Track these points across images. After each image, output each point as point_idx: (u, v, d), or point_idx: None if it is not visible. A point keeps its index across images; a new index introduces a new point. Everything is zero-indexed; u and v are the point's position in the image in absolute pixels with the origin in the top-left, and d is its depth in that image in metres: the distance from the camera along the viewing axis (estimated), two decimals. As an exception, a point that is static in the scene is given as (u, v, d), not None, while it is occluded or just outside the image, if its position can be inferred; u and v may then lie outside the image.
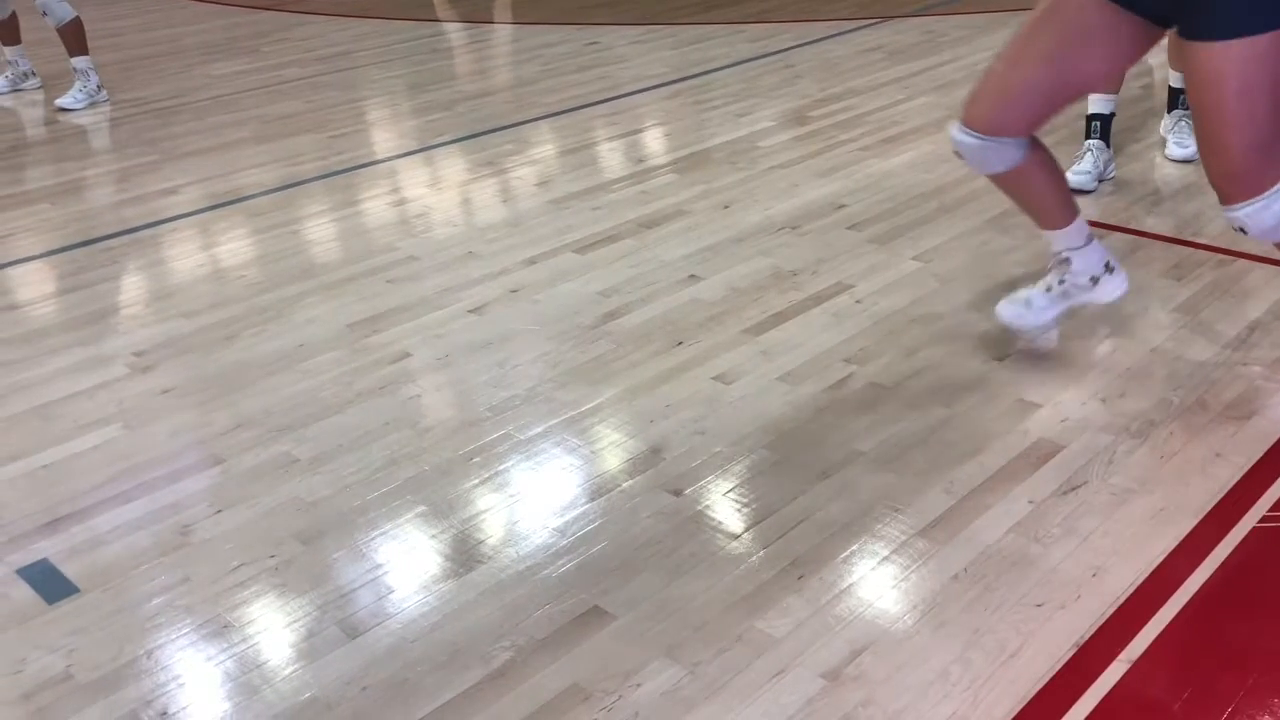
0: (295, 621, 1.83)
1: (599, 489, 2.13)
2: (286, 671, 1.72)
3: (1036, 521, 1.97)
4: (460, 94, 5.26)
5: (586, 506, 2.08)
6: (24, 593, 1.93)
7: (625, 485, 2.14)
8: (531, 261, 3.23)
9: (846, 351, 2.59)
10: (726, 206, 3.57)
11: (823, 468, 2.15)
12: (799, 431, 2.27)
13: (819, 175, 3.81)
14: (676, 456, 2.22)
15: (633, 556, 1.94)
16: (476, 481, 2.19)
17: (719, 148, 4.20)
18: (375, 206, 3.87)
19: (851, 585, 1.83)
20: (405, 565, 1.95)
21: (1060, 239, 2.42)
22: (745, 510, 2.04)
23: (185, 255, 3.51)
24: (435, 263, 3.27)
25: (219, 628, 1.82)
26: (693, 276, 3.06)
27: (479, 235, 3.47)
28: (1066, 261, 2.45)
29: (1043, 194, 2.37)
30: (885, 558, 1.90)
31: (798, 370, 2.51)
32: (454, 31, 6.79)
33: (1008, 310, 2.54)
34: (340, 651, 1.75)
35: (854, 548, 1.92)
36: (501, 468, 2.23)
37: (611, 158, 4.28)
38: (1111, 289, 2.48)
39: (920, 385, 2.43)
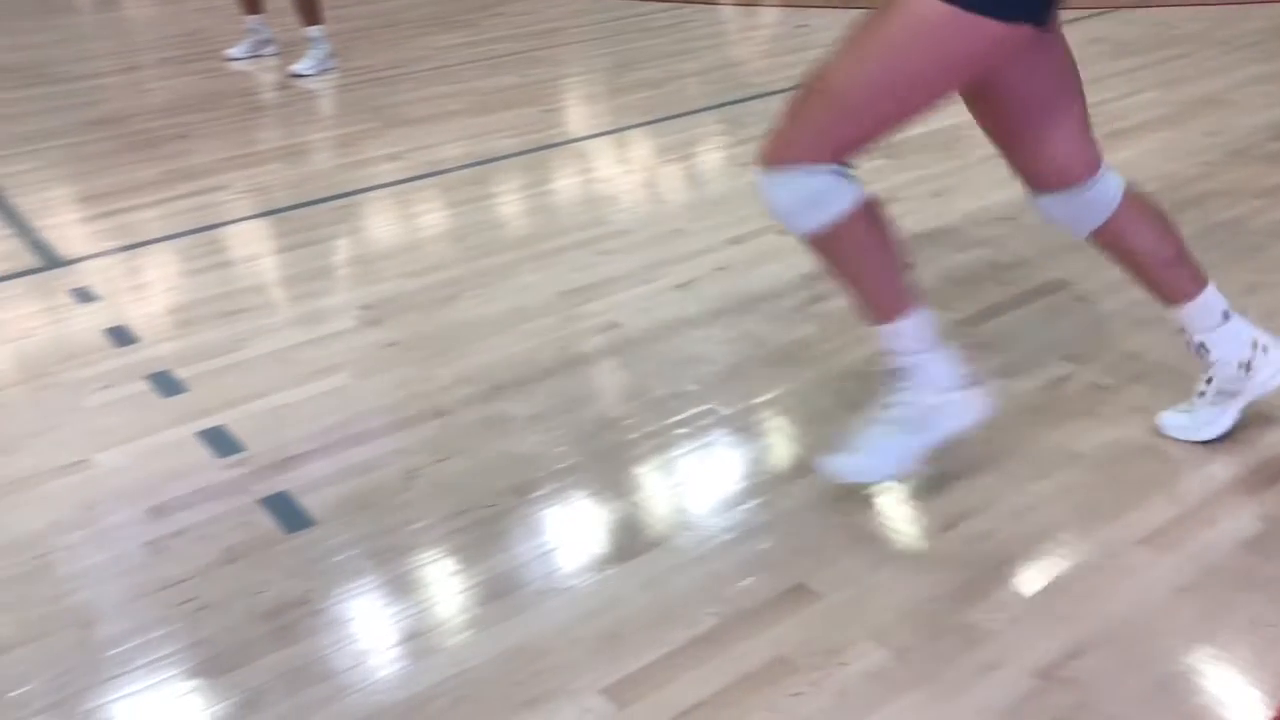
0: (509, 569, 1.91)
1: (803, 469, 2.14)
2: (499, 616, 1.80)
3: (1269, 539, 1.87)
4: (670, 73, 5.32)
5: (790, 485, 2.10)
6: (265, 521, 2.08)
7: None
8: (737, 240, 3.25)
9: (1066, 349, 2.51)
10: (938, 194, 3.50)
11: (1038, 467, 2.10)
12: (1013, 428, 2.22)
13: (1037, 168, 3.69)
14: (885, 443, 2.20)
15: (838, 538, 1.94)
16: (682, 451, 2.23)
17: (930, 134, 4.11)
18: (587, 180, 3.97)
19: (1067, 587, 1.79)
20: (612, 526, 2.01)
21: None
22: (956, 502, 2.01)
23: (408, 218, 3.69)
24: (644, 237, 3.33)
25: (441, 569, 1.92)
26: (903, 264, 3.01)
27: (687, 212, 3.51)
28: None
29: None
30: (1103, 564, 1.84)
31: (1013, 365, 2.45)
32: (665, 11, 6.86)
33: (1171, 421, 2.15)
34: (550, 602, 1.82)
35: (1070, 550, 1.87)
36: (706, 440, 2.26)
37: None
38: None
39: (1143, 390, 2.33)
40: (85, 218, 3.81)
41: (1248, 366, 2.04)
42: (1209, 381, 2.08)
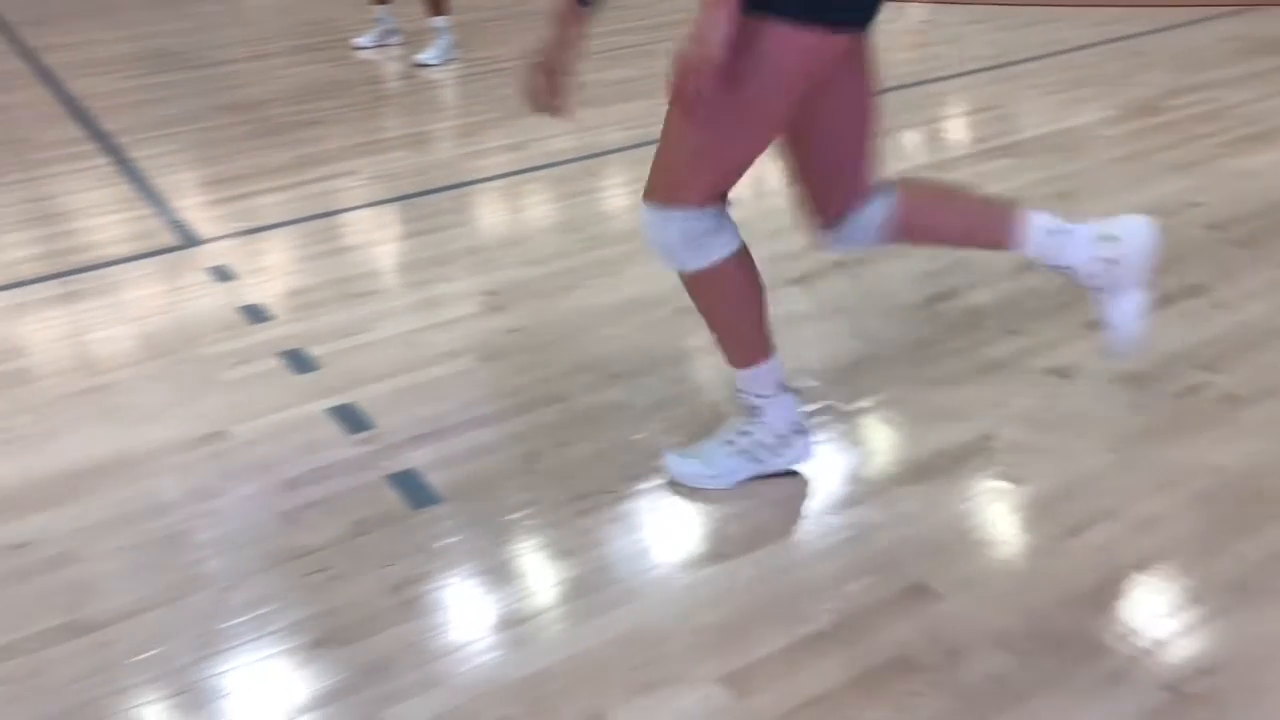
0: (627, 555, 1.93)
1: (923, 468, 2.12)
2: (621, 600, 1.82)
3: None
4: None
5: (911, 484, 2.08)
6: (393, 497, 2.14)
7: (951, 468, 2.12)
8: (858, 237, 3.23)
9: (1200, 358, 2.43)
10: (1064, 195, 3.43)
11: (1170, 476, 2.04)
12: (1145, 436, 2.16)
13: (1171, 169, 3.58)
14: (1008, 446, 2.17)
15: (960, 539, 1.92)
16: (801, 447, 2.23)
17: (1056, 134, 4.02)
18: (704, 172, 3.97)
19: (1203, 603, 1.74)
20: (729, 517, 2.02)
21: None
22: (1082, 508, 1.97)
23: (528, 207, 3.75)
24: (760, 232, 3.31)
25: (562, 550, 1.96)
26: (1027, 265, 2.95)
27: (806, 207, 3.49)
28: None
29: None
30: (1242, 581, 1.78)
31: (1144, 372, 2.39)
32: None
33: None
34: (668, 590, 1.84)
35: (1207, 565, 1.82)
36: (825, 437, 2.26)
37: (939, 138, 4.19)
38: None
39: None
40: (220, 199, 3.95)
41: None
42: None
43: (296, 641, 1.78)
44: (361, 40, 6.25)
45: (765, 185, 3.76)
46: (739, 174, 1.84)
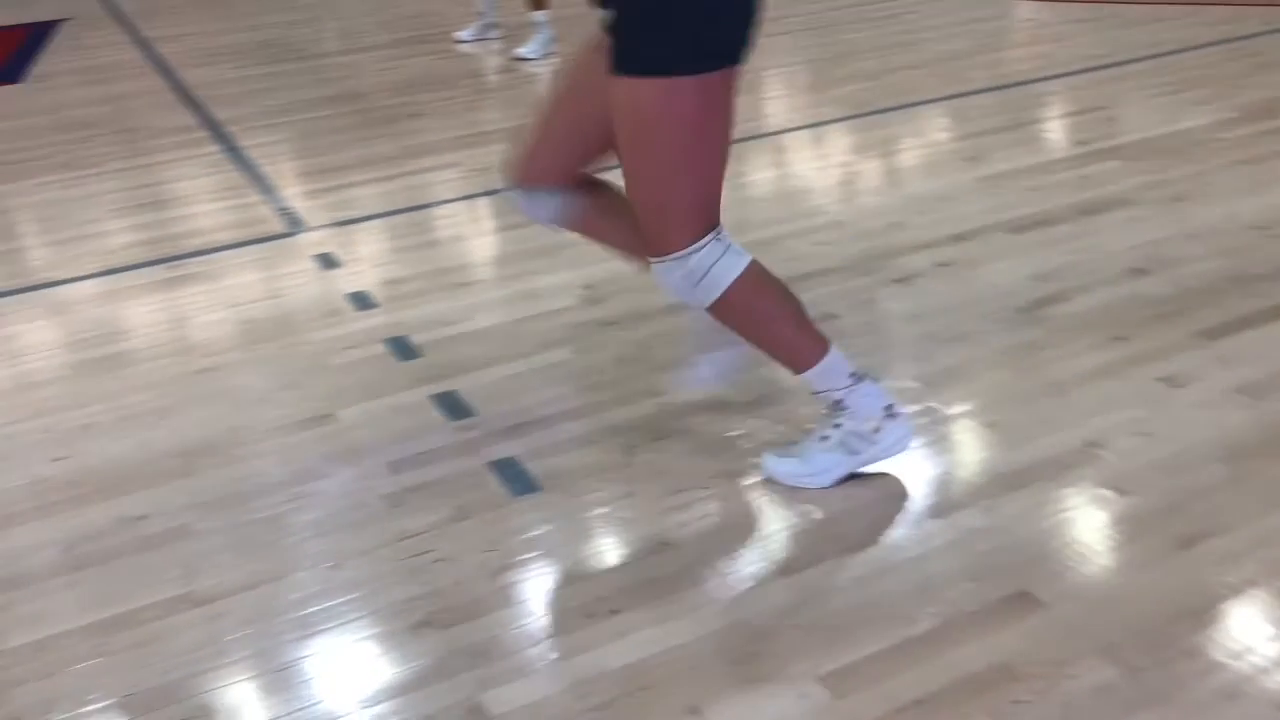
0: (728, 551, 1.94)
1: (1026, 474, 2.08)
2: (720, 594, 1.83)
3: None
4: (888, 65, 5.23)
5: (1014, 490, 2.04)
6: (494, 484, 2.18)
7: (1057, 475, 2.07)
8: (961, 237, 3.18)
9: (1321, 370, 2.35)
10: (1178, 199, 3.33)
11: (1287, 491, 1.98)
12: (1263, 451, 2.10)
13: (1290, 175, 3.46)
14: (1116, 455, 2.12)
15: (1064, 548, 1.88)
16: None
17: (1169, 136, 3.91)
18: (802, 169, 3.96)
19: (1318, 620, 1.68)
20: (827, 517, 2.01)
21: None
22: (1194, 522, 1.92)
23: (626, 200, 3.76)
24: (861, 229, 3.30)
25: (658, 543, 1.97)
26: (1138, 270, 2.88)
27: (906, 206, 3.46)
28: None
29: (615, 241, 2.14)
30: (1360, 598, 1.72)
31: (1262, 384, 2.31)
32: (880, 2, 6.74)
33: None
34: (773, 586, 1.84)
35: (1322, 581, 1.76)
36: (925, 438, 2.23)
37: (1048, 139, 4.11)
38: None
39: None
40: (325, 188, 4.05)
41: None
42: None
43: (398, 622, 1.82)
44: (462, 34, 6.34)
45: (857, 184, 3.73)
46: (711, 205, 1.91)
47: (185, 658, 1.77)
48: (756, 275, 1.95)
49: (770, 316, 1.99)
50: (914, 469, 2.13)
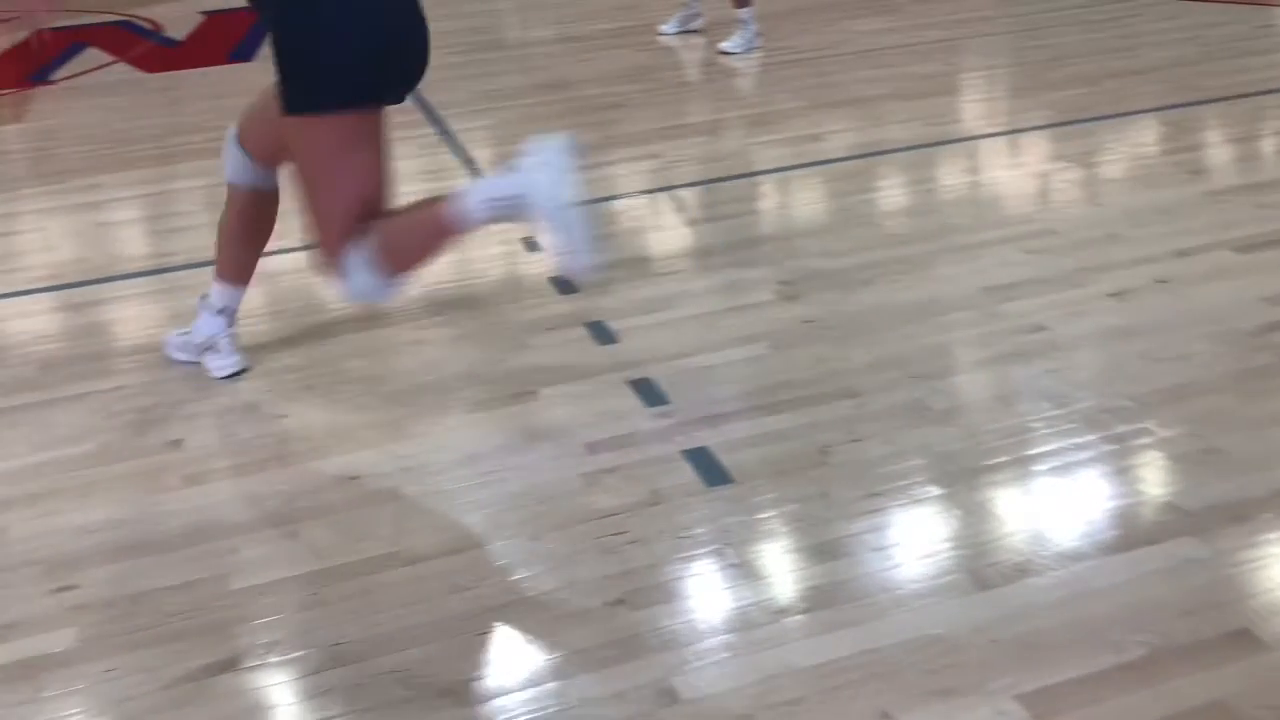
0: (925, 559, 1.90)
1: (1250, 507, 1.96)
2: (914, 602, 1.80)
3: None
4: (1106, 70, 5.00)
5: (1236, 523, 1.93)
6: (688, 472, 2.20)
7: (1285, 510, 1.95)
8: (1183, 254, 3.02)
9: None
10: None
11: None
12: None
13: None
14: (1354, 494, 1.98)
15: (1292, 588, 1.77)
16: (1111, 469, 2.12)
17: None
18: (1012, 175, 3.84)
19: None
20: (1032, 533, 1.95)
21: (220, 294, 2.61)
22: None
23: (828, 198, 3.73)
24: (1074, 240, 3.17)
25: (853, 545, 1.95)
26: (1383, 299, 2.68)
27: (1123, 218, 3.30)
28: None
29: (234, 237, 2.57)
30: None
31: None
32: (1107, 4, 6.44)
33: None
34: (969, 599, 1.80)
35: None
36: (1138, 460, 2.14)
37: (1266, 155, 3.85)
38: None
39: None
40: (531, 173, 4.15)
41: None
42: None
43: (594, 599, 1.86)
44: (666, 27, 6.40)
45: (1071, 193, 3.59)
46: (349, 220, 2.21)
47: (392, 613, 1.86)
48: (386, 248, 2.22)
49: (413, 256, 2.30)
50: (1126, 491, 2.04)
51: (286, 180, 2.45)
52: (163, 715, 1.68)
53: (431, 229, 2.26)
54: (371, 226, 2.22)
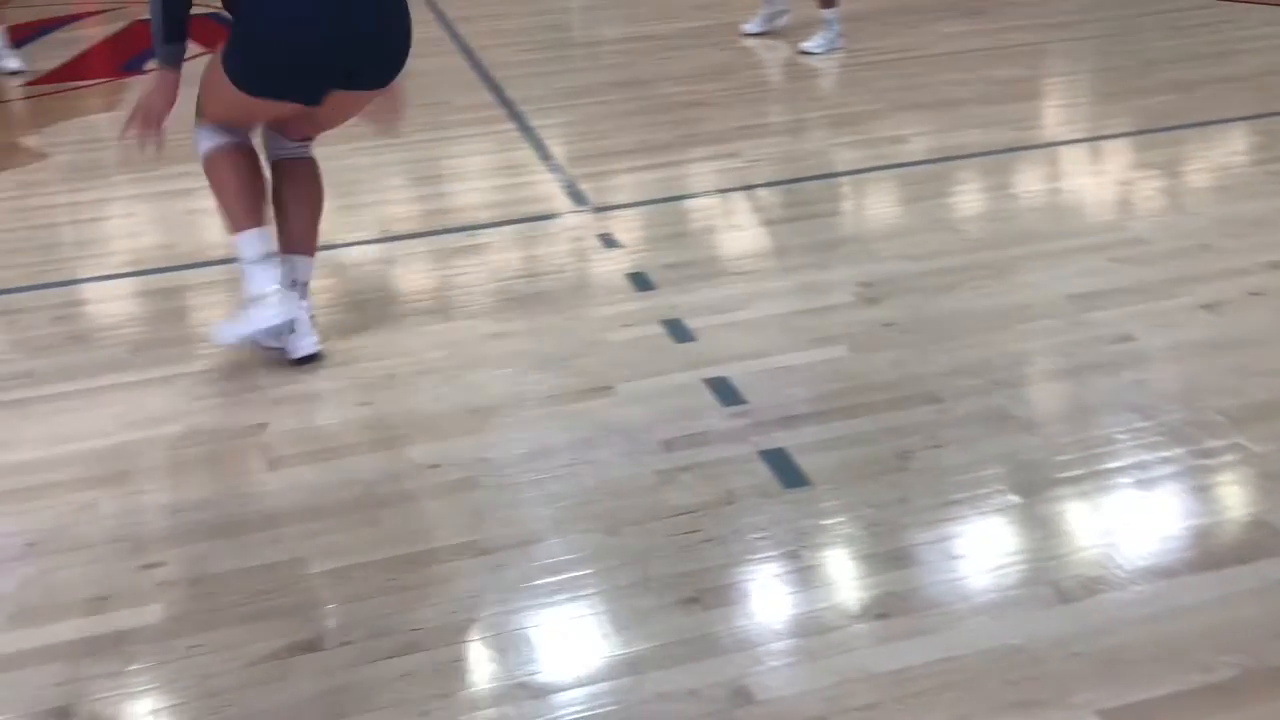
0: (1003, 568, 1.87)
1: (1350, 529, 1.91)
2: (993, 611, 1.77)
3: None
4: (1200, 76, 4.88)
5: (1333, 544, 1.88)
6: (764, 473, 2.19)
7: (1385, 533, 1.89)
8: (1277, 266, 2.94)
9: None
10: None
11: None
12: None
13: None
14: None
15: (1391, 614, 1.71)
16: (1202, 484, 2.07)
17: None
18: (1098, 181, 3.76)
19: None
20: (1116, 547, 1.91)
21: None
22: None
23: (909, 201, 3.69)
24: (1165, 249, 3.10)
25: (931, 553, 1.93)
26: None
27: (1218, 228, 3.22)
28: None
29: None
30: None
31: None
32: (1201, 9, 6.28)
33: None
34: (1050, 611, 1.77)
35: None
36: (1229, 477, 2.09)
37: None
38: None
39: None
40: (610, 170, 4.17)
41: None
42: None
43: (669, 596, 1.86)
44: (748, 26, 6.37)
45: (1163, 201, 3.50)
46: (220, 120, 2.69)
47: (469, 601, 1.88)
48: (220, 158, 2.68)
49: (219, 186, 2.70)
50: (1215, 507, 1.99)
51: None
52: (245, 693, 1.72)
53: (219, 189, 2.71)
54: (228, 134, 2.70)
